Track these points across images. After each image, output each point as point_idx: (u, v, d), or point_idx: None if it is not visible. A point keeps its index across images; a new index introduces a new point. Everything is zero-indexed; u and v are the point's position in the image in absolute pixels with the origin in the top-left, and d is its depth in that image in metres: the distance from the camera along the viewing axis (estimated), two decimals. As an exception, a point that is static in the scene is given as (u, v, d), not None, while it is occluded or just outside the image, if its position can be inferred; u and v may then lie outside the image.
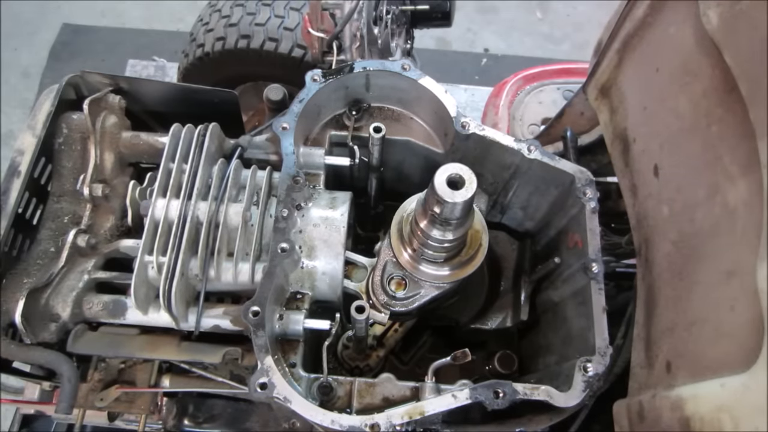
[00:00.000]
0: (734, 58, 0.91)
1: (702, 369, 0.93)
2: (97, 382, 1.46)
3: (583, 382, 1.15)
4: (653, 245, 1.19)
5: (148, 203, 1.31)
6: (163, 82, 1.61)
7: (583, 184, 1.34)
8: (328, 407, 1.14)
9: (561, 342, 1.39)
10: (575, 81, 2.32)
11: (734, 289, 0.89)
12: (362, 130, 1.48)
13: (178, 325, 1.30)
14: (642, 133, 1.29)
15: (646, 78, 1.28)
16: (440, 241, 1.23)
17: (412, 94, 1.45)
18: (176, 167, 1.34)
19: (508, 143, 1.37)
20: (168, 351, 1.37)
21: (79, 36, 4.48)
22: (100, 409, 1.46)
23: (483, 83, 4.16)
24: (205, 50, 2.36)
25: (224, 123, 1.45)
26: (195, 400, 1.67)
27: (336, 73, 1.40)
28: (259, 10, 2.34)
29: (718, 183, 0.96)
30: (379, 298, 1.38)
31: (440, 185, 1.11)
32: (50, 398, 1.63)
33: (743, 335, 0.83)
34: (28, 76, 4.30)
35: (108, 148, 1.44)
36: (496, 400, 1.12)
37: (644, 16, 1.26)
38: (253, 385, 1.12)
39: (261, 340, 1.15)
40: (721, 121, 0.97)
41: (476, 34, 4.60)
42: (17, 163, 1.36)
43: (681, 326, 1.03)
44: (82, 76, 1.48)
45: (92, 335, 1.36)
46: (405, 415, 1.10)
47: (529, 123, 2.29)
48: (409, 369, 1.61)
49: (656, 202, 1.19)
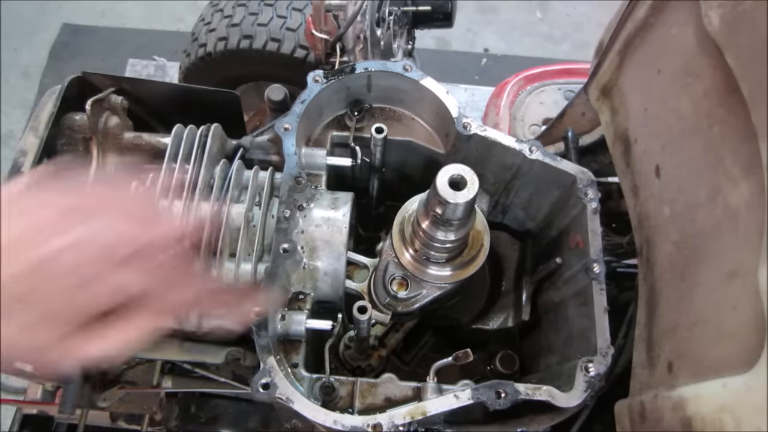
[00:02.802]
0: (736, 59, 0.91)
1: (704, 369, 0.94)
2: (100, 382, 1.47)
3: (584, 383, 1.16)
4: (654, 246, 1.20)
5: (150, 204, 1.31)
6: (165, 82, 1.61)
7: (585, 184, 1.34)
8: (330, 407, 1.14)
9: (562, 342, 1.39)
10: (576, 81, 2.32)
11: (736, 289, 0.89)
12: (364, 130, 1.48)
13: (180, 326, 1.30)
14: (643, 133, 1.29)
15: (647, 79, 1.28)
16: (442, 241, 1.23)
17: (414, 94, 1.45)
18: (178, 168, 1.34)
19: (510, 144, 1.37)
20: (170, 351, 1.37)
21: (79, 36, 4.47)
22: (103, 409, 1.46)
23: (483, 83, 4.16)
24: (207, 50, 2.37)
25: (226, 123, 1.46)
26: (197, 401, 1.68)
27: (338, 74, 1.40)
28: (261, 11, 2.34)
29: (720, 184, 0.96)
30: (380, 299, 1.38)
31: (442, 186, 1.11)
32: (53, 398, 1.64)
33: (745, 335, 0.84)
34: (28, 76, 4.30)
35: (110, 148, 1.44)
36: (498, 401, 1.12)
37: (646, 17, 1.26)
38: (256, 386, 1.12)
39: (263, 341, 1.16)
40: (723, 122, 0.97)
41: (476, 34, 4.60)
42: (20, 164, 1.36)
43: (683, 326, 1.03)
44: (84, 76, 1.48)
45: (94, 335, 1.36)
46: (407, 416, 1.10)
47: (530, 123, 2.29)
48: (410, 369, 1.62)
49: (657, 202, 1.19)
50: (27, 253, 0.68)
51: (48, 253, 0.68)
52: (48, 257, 0.68)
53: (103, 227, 0.72)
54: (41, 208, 0.71)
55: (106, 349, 0.73)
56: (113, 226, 0.73)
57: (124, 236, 0.74)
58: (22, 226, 0.69)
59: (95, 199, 0.77)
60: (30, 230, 0.69)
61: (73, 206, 0.73)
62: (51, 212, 0.71)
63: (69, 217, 0.71)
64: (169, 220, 0.89)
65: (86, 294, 0.71)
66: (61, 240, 0.69)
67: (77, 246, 0.70)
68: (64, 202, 0.73)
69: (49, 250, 0.68)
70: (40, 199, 0.73)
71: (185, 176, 1.30)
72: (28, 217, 0.70)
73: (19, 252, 0.67)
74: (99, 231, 0.72)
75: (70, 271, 0.69)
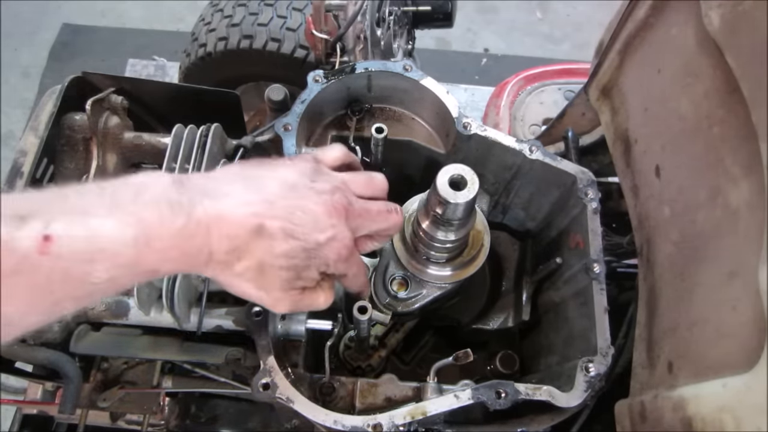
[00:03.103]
0: (736, 59, 0.91)
1: (704, 369, 0.94)
2: (100, 382, 1.47)
3: (584, 383, 1.16)
4: (655, 246, 1.20)
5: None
6: (166, 82, 1.61)
7: (585, 184, 1.34)
8: (330, 407, 1.14)
9: (562, 342, 1.39)
10: (576, 81, 2.32)
11: (736, 289, 0.89)
12: (364, 130, 1.48)
13: (180, 326, 1.30)
14: (643, 133, 1.29)
15: (647, 79, 1.28)
16: (442, 241, 1.23)
17: (414, 94, 1.45)
18: (178, 168, 1.34)
19: (510, 144, 1.37)
20: (170, 351, 1.37)
21: (79, 36, 4.48)
22: (103, 409, 1.46)
23: (483, 83, 4.17)
24: (207, 50, 2.37)
25: (226, 123, 1.46)
26: (197, 401, 1.67)
27: (338, 74, 1.40)
28: (261, 11, 2.34)
29: (720, 184, 0.96)
30: (381, 299, 1.38)
31: (442, 186, 1.11)
32: (53, 398, 1.64)
33: (745, 335, 0.84)
34: (28, 76, 4.30)
35: (110, 148, 1.44)
36: (498, 400, 1.12)
37: (646, 17, 1.26)
38: (256, 386, 1.12)
39: (263, 341, 1.16)
40: (723, 122, 0.97)
41: (476, 34, 4.60)
42: (20, 164, 1.36)
43: (683, 326, 1.03)
44: (84, 76, 1.48)
45: (95, 336, 1.36)
46: (407, 416, 1.10)
47: (530, 123, 2.29)
48: (410, 369, 1.62)
49: (658, 202, 1.19)
50: (302, 238, 0.88)
51: (313, 243, 0.89)
52: (312, 247, 0.89)
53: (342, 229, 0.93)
54: (316, 204, 0.90)
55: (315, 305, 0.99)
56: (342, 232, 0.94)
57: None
58: (308, 215, 0.88)
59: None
60: (308, 222, 0.88)
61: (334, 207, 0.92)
62: (321, 209, 0.90)
63: (332, 216, 0.91)
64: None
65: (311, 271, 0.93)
66: (324, 235, 0.90)
67: (333, 241, 0.92)
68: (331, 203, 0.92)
69: (315, 241, 0.89)
70: (314, 192, 0.92)
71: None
72: (308, 207, 0.89)
73: (299, 235, 0.87)
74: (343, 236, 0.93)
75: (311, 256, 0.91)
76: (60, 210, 0.68)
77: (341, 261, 0.94)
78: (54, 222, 0.66)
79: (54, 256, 0.65)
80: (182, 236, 0.76)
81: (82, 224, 0.68)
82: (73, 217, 0.68)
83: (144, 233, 0.72)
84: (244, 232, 0.82)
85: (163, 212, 0.74)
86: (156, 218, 0.73)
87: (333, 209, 0.91)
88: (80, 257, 0.67)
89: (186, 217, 0.76)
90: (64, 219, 0.67)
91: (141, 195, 0.73)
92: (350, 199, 0.96)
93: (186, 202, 0.77)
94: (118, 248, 0.70)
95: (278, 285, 0.90)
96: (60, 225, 0.66)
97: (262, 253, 0.85)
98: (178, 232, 0.75)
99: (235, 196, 0.83)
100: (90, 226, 0.68)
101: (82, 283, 0.69)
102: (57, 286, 0.67)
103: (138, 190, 0.74)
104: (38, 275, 0.65)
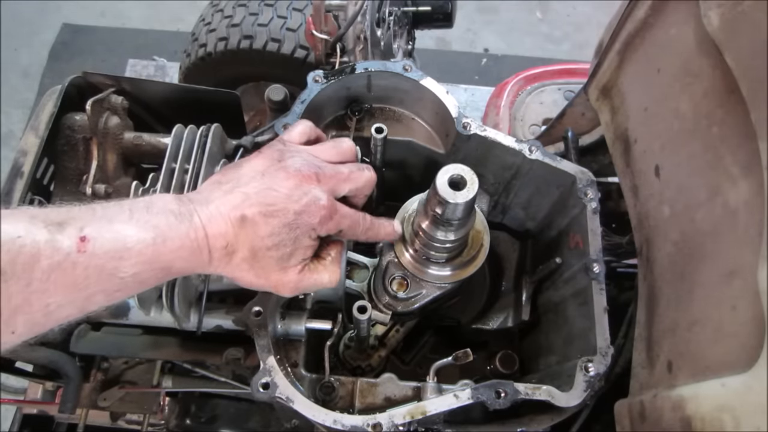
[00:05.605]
0: (735, 59, 0.91)
1: (703, 369, 0.94)
2: (100, 382, 1.47)
3: (584, 382, 1.16)
4: (654, 245, 1.20)
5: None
6: (166, 82, 1.61)
7: (585, 184, 1.34)
8: (330, 407, 1.14)
9: (562, 342, 1.39)
10: (576, 81, 2.32)
11: (735, 289, 0.89)
12: (364, 130, 1.48)
13: (180, 326, 1.30)
14: (643, 133, 1.29)
15: (647, 79, 1.28)
16: (442, 241, 1.23)
17: (414, 94, 1.45)
18: (178, 168, 1.34)
19: (510, 144, 1.37)
20: (170, 351, 1.37)
21: (79, 36, 4.48)
22: (103, 408, 1.46)
23: (483, 83, 4.17)
24: (207, 50, 2.37)
25: (226, 123, 1.46)
26: (197, 400, 1.68)
27: (338, 74, 1.41)
28: (261, 11, 2.34)
29: (719, 184, 0.96)
30: (380, 299, 1.38)
31: (442, 186, 1.11)
32: (53, 398, 1.64)
33: (744, 335, 0.84)
34: (28, 76, 4.31)
35: (110, 148, 1.44)
36: (498, 400, 1.12)
37: (645, 17, 1.26)
38: (256, 385, 1.12)
39: (263, 341, 1.16)
40: (722, 122, 0.97)
41: (476, 34, 4.60)
42: (20, 164, 1.36)
43: (682, 326, 1.03)
44: (84, 76, 1.49)
45: (95, 335, 1.37)
46: (407, 415, 1.10)
47: (530, 123, 2.29)
48: (410, 369, 1.62)
49: (657, 202, 1.20)
50: (280, 214, 0.95)
51: (291, 215, 0.96)
52: (291, 220, 0.96)
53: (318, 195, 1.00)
54: (286, 179, 0.98)
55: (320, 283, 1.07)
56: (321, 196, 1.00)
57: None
58: (280, 192, 0.96)
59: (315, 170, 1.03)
60: (282, 198, 0.96)
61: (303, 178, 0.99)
62: (291, 182, 0.97)
63: (303, 185, 0.99)
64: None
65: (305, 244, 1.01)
66: (299, 204, 0.97)
67: (310, 206, 0.98)
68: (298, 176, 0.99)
69: (292, 211, 0.96)
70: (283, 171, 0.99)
71: (185, 176, 1.30)
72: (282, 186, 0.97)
73: (277, 213, 0.95)
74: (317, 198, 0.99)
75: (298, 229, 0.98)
76: (90, 218, 0.82)
77: (326, 221, 1.00)
78: (87, 227, 0.80)
79: (89, 254, 0.78)
80: (188, 238, 0.89)
81: (109, 229, 0.82)
82: (101, 223, 0.82)
83: (160, 235, 0.86)
84: (230, 227, 0.92)
85: (171, 220, 0.88)
86: (166, 224, 0.87)
87: (303, 178, 0.99)
88: (111, 255, 0.80)
89: (188, 223, 0.89)
90: (95, 225, 0.81)
91: (152, 208, 0.88)
92: (319, 165, 1.04)
93: (186, 212, 0.91)
94: (140, 247, 0.83)
95: (274, 266, 0.98)
96: (92, 229, 0.80)
97: (251, 241, 0.94)
98: (185, 234, 0.89)
99: (217, 198, 0.95)
100: (116, 229, 0.82)
101: (111, 277, 0.81)
102: (92, 280, 0.79)
103: (148, 205, 0.89)
104: (77, 270, 0.77)
